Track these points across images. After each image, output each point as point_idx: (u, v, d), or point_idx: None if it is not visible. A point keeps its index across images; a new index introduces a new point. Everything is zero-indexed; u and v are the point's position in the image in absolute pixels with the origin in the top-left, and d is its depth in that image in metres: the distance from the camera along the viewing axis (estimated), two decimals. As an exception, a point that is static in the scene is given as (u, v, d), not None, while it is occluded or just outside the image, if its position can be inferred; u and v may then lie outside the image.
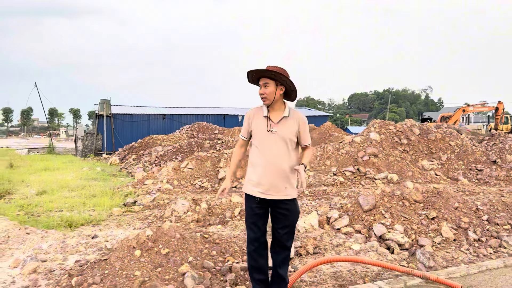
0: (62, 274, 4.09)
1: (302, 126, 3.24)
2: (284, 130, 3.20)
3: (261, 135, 3.23)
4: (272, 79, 3.13)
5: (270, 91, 3.14)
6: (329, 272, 4.21)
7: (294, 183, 3.26)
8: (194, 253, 4.13)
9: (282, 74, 3.10)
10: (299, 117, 3.25)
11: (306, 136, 3.29)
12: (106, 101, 27.87)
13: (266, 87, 3.15)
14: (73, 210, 7.53)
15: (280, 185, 3.20)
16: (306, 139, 3.29)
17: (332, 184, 9.82)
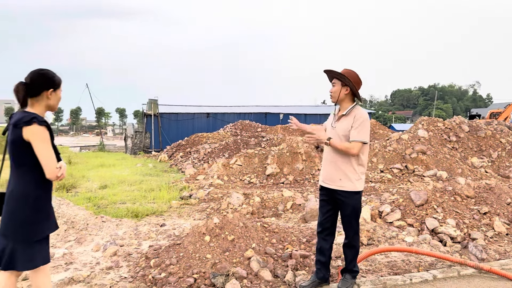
0: (139, 257, 4.59)
1: (355, 123, 3.42)
2: (341, 126, 3.50)
3: (328, 130, 3.63)
4: (339, 80, 3.45)
5: (335, 90, 3.50)
6: (383, 262, 4.45)
7: (352, 177, 3.50)
8: (257, 240, 4.50)
9: (346, 77, 3.39)
10: (356, 115, 3.45)
11: (354, 132, 3.39)
12: (154, 101, 29.04)
13: (333, 86, 3.53)
14: (135, 202, 8.14)
15: (335, 177, 3.49)
16: (353, 136, 3.39)
17: (379, 181, 9.92)
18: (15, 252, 2.51)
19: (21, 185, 2.53)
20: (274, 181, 10.54)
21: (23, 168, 2.53)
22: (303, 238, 4.92)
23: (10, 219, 2.52)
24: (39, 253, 2.60)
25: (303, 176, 10.71)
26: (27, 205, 2.52)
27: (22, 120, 2.44)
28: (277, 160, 11.14)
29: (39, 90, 2.56)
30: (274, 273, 4.05)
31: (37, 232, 2.57)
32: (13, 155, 2.52)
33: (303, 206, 6.88)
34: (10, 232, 2.52)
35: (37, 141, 2.46)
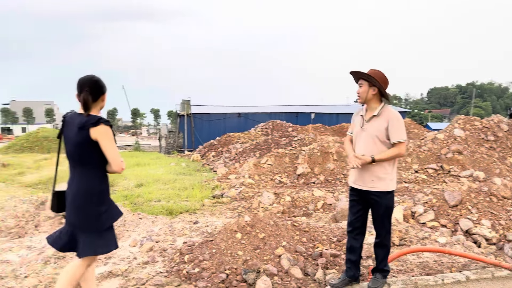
0: (174, 252, 4.77)
1: (391, 124, 3.42)
2: (373, 127, 3.49)
3: (356, 131, 3.62)
4: (366, 80, 3.47)
5: (363, 90, 3.49)
6: (415, 262, 4.42)
7: (384, 177, 3.51)
8: (287, 239, 4.58)
9: (373, 77, 3.41)
10: (389, 115, 3.45)
11: (394, 133, 3.41)
12: (187, 101, 29.60)
13: (361, 87, 3.51)
14: (169, 200, 8.40)
15: (366, 178, 3.51)
16: (394, 137, 3.41)
17: (413, 181, 9.75)
18: (88, 241, 2.80)
19: (86, 182, 2.79)
20: (305, 181, 10.56)
21: (88, 166, 2.78)
22: (334, 238, 4.95)
23: (80, 214, 2.79)
24: (109, 239, 2.90)
25: (334, 176, 10.67)
26: (94, 199, 2.80)
27: (89, 122, 2.69)
28: (308, 160, 11.16)
29: (98, 95, 2.84)
30: (305, 271, 4.12)
31: (105, 222, 2.85)
32: (79, 155, 2.76)
33: (334, 206, 6.89)
34: (82, 225, 2.80)
35: (105, 139, 2.72)
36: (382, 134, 3.45)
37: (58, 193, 2.94)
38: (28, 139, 25.44)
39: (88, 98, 2.75)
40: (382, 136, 3.45)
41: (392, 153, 3.41)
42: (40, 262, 4.49)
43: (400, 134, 3.42)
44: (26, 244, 5.17)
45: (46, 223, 5.86)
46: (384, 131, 3.44)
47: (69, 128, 2.81)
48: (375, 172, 3.47)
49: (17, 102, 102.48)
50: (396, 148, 3.42)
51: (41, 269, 4.30)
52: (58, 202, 2.93)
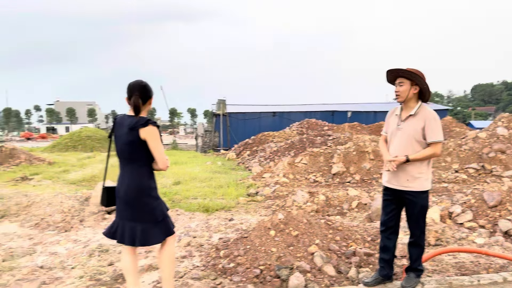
0: (210, 248, 4.95)
1: (428, 123, 3.39)
2: (409, 127, 3.48)
3: (391, 131, 3.61)
4: (408, 79, 3.43)
5: (404, 89, 3.45)
6: (451, 263, 4.36)
7: (419, 177, 3.49)
8: (320, 237, 4.64)
9: (418, 75, 3.39)
10: (426, 115, 3.41)
11: (430, 133, 3.39)
12: (222, 101, 30.03)
13: (401, 86, 3.46)
14: (206, 198, 8.63)
15: (401, 177, 3.51)
16: (430, 137, 3.39)
17: (453, 181, 9.49)
18: (146, 232, 3.07)
19: (136, 178, 3.05)
20: (340, 180, 10.51)
21: (138, 164, 3.04)
22: (368, 237, 4.95)
23: (135, 208, 3.06)
24: (164, 228, 3.15)
25: (371, 175, 10.55)
26: (145, 194, 3.05)
27: (139, 123, 2.95)
28: (343, 159, 11.09)
29: (146, 99, 3.10)
30: (338, 269, 4.16)
31: (158, 213, 3.11)
32: (129, 153, 3.03)
33: (369, 206, 6.85)
34: (139, 218, 3.06)
35: (152, 139, 2.97)
36: (418, 134, 3.43)
37: (107, 189, 3.22)
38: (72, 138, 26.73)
39: (138, 102, 3.01)
40: (418, 136, 3.43)
41: (427, 153, 3.39)
42: (85, 254, 4.78)
43: (437, 134, 3.40)
44: (72, 237, 5.52)
45: (90, 218, 6.21)
46: (421, 131, 3.42)
47: (119, 128, 3.07)
48: (410, 172, 3.47)
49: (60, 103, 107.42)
50: (431, 148, 3.41)
51: (86, 261, 4.58)
52: (108, 197, 3.22)
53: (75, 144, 25.46)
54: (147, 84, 3.13)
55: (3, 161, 15.79)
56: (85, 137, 26.29)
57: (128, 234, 3.10)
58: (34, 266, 4.37)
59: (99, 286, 3.82)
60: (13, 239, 5.47)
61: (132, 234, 3.09)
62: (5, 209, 6.72)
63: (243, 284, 3.89)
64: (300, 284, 3.84)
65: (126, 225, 3.10)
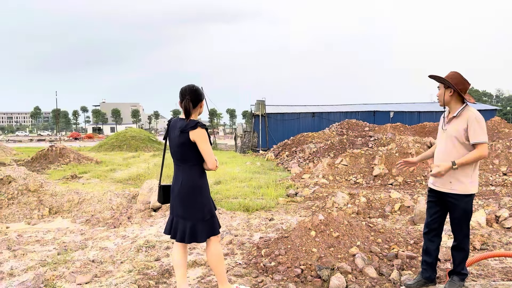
0: (251, 246, 5.06)
1: (470, 125, 3.35)
2: (452, 128, 3.45)
3: (438, 132, 3.67)
4: (442, 83, 3.49)
5: (440, 93, 3.55)
6: (497, 267, 4.22)
7: (464, 180, 3.43)
8: (361, 239, 4.63)
9: (446, 79, 3.43)
10: (468, 115, 3.38)
11: (473, 134, 3.34)
12: (261, 101, 30.20)
13: (438, 90, 3.56)
14: (246, 198, 8.76)
15: (445, 179, 3.46)
16: (473, 138, 3.35)
17: (501, 184, 9.09)
18: (195, 229, 3.25)
19: (188, 178, 3.25)
20: (382, 182, 10.33)
21: (189, 164, 3.24)
22: (411, 240, 4.88)
23: (186, 205, 3.25)
24: (211, 227, 3.32)
25: (414, 177, 10.29)
26: (196, 192, 3.25)
27: (189, 126, 3.15)
28: (385, 161, 10.89)
29: (197, 103, 3.28)
30: (379, 271, 4.14)
31: (207, 212, 3.30)
32: (181, 154, 3.23)
33: (412, 208, 6.71)
34: (189, 214, 3.25)
35: (201, 141, 3.15)
36: (461, 135, 3.40)
37: (163, 187, 3.45)
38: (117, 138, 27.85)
39: (189, 105, 3.20)
40: (461, 137, 3.40)
41: (473, 156, 3.34)
42: (133, 250, 5.03)
43: (480, 135, 3.35)
44: (121, 234, 5.80)
45: (137, 215, 6.50)
46: (463, 132, 3.39)
47: (173, 131, 3.29)
48: (454, 174, 3.42)
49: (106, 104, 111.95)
50: (476, 151, 3.36)
51: (134, 256, 4.82)
52: (164, 194, 3.45)
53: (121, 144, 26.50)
54: (198, 88, 3.32)
55: (54, 160, 16.75)
56: (130, 137, 27.31)
57: (179, 231, 3.28)
58: (86, 260, 4.65)
59: (147, 280, 4.01)
60: (66, 234, 5.84)
61: (183, 230, 3.27)
62: (58, 205, 7.16)
63: (284, 283, 3.96)
64: (341, 284, 3.85)
65: (178, 222, 3.30)
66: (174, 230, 3.33)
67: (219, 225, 3.43)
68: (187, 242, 3.29)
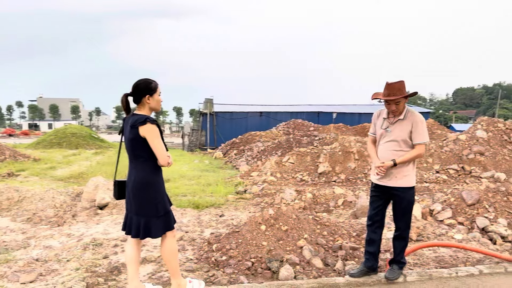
0: (202, 242, 5.12)
1: (415, 127, 3.66)
2: (399, 130, 3.74)
3: (379, 132, 3.88)
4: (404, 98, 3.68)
5: (401, 107, 3.70)
6: (431, 257, 4.63)
7: (407, 174, 3.74)
8: (308, 232, 4.86)
9: (410, 95, 3.70)
10: (413, 118, 3.69)
11: (416, 135, 3.66)
12: (210, 100, 30.12)
13: (398, 104, 3.66)
14: (195, 195, 8.77)
15: (390, 175, 3.76)
16: (416, 138, 3.67)
17: (434, 181, 9.85)
18: (149, 225, 3.24)
19: (141, 174, 3.22)
20: (326, 179, 10.78)
21: (141, 160, 3.21)
22: (353, 232, 5.19)
23: (139, 201, 3.23)
24: (165, 223, 3.31)
25: (356, 175, 10.84)
26: (149, 188, 3.22)
27: (138, 121, 3.11)
28: (329, 159, 11.36)
29: (139, 98, 3.23)
30: (325, 262, 4.38)
31: (161, 208, 3.28)
32: (132, 149, 3.20)
33: (354, 203, 7.10)
34: (142, 211, 3.23)
35: (151, 136, 3.12)
36: (406, 137, 3.70)
37: (119, 183, 3.41)
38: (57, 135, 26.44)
39: (123, 101, 3.22)
40: (406, 138, 3.71)
41: (412, 155, 3.66)
42: (79, 248, 4.89)
43: (423, 136, 3.68)
44: (66, 232, 5.61)
45: (82, 213, 6.31)
46: (409, 134, 3.70)
47: (126, 126, 3.26)
48: (399, 169, 3.72)
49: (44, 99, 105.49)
50: (416, 150, 3.69)
51: (80, 254, 4.69)
52: (119, 190, 3.41)
53: (60, 141, 25.21)
54: (144, 83, 3.24)
55: (-13, 157, 15.61)
56: (70, 134, 26.06)
57: (134, 227, 3.28)
58: (30, 259, 4.46)
59: (96, 278, 3.94)
60: (6, 233, 5.54)
61: (137, 226, 3.27)
62: (-5, 204, 6.75)
63: (235, 276, 4.07)
64: (290, 275, 4.04)
65: (133, 218, 3.29)
66: (129, 226, 3.32)
67: (174, 220, 3.45)
68: (142, 238, 3.31)
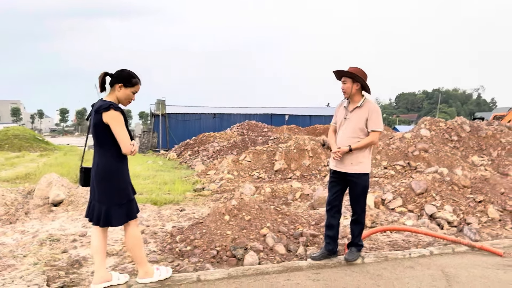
0: (164, 235, 5.09)
1: (370, 115, 3.91)
2: (355, 117, 3.98)
3: (340, 121, 4.10)
4: (350, 77, 3.93)
5: (347, 86, 3.96)
6: (385, 241, 4.92)
7: (362, 161, 3.98)
8: (271, 221, 4.99)
9: (356, 74, 3.88)
10: (370, 107, 3.94)
11: (371, 123, 3.91)
12: (162, 101, 29.63)
13: (345, 84, 3.97)
14: (152, 193, 8.63)
15: (346, 162, 3.99)
16: (371, 126, 3.91)
17: (383, 176, 10.38)
18: (109, 213, 3.18)
19: (104, 161, 3.17)
20: (282, 176, 11.01)
21: (105, 147, 3.16)
22: (312, 221, 5.39)
23: (102, 189, 3.17)
24: (127, 212, 3.26)
25: (310, 171, 11.17)
26: (112, 176, 3.17)
27: (102, 107, 3.07)
28: (284, 157, 11.62)
29: (112, 82, 3.21)
30: (287, 248, 4.53)
31: (124, 196, 3.24)
32: (96, 136, 3.15)
33: (311, 196, 7.35)
34: (104, 198, 3.18)
35: (115, 123, 3.08)
36: (362, 124, 3.95)
37: (85, 169, 3.33)
38: (-3, 137, 24.84)
39: (102, 78, 3.21)
40: (363, 125, 3.95)
41: (366, 142, 3.91)
42: (35, 244, 4.69)
43: (377, 124, 3.95)
44: (19, 229, 5.35)
45: (35, 210, 6.03)
46: (365, 121, 3.94)
47: (93, 112, 3.22)
48: (355, 156, 3.95)
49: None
50: (370, 137, 3.94)
51: (37, 250, 4.50)
52: (85, 177, 3.33)
53: (1, 144, 23.70)
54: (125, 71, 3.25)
55: None
56: (12, 136, 24.59)
57: (96, 214, 3.23)
58: (-19, 256, 4.23)
59: (56, 271, 3.82)
60: (-50, 233, 5.18)
61: (98, 213, 3.22)
62: None
63: (201, 264, 4.11)
64: (255, 261, 4.15)
65: (95, 205, 3.23)
66: (92, 213, 3.27)
67: (137, 209, 3.42)
68: (102, 225, 3.25)
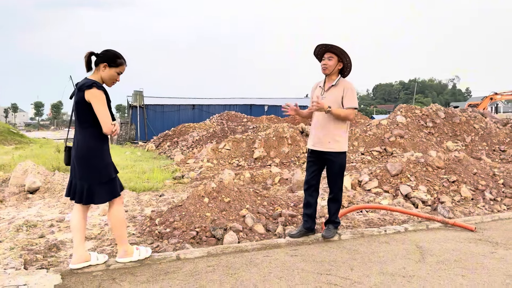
0: (143, 219, 5.07)
1: (346, 92, 3.98)
2: (331, 95, 4.04)
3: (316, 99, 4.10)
4: (337, 55, 3.96)
5: (332, 63, 3.99)
6: (362, 220, 5.04)
7: (339, 140, 4.05)
8: (250, 203, 5.04)
9: (346, 53, 3.93)
10: (345, 85, 4.01)
11: (347, 101, 3.98)
12: (139, 92, 29.20)
13: (330, 60, 3.98)
14: (131, 182, 8.55)
15: (324, 140, 4.05)
16: (347, 103, 3.98)
17: (360, 161, 10.58)
18: (92, 191, 3.19)
19: (84, 140, 3.17)
20: (261, 164, 11.08)
21: (85, 125, 3.16)
22: (291, 203, 5.47)
23: (82, 167, 3.17)
24: (110, 190, 3.27)
25: (289, 158, 11.27)
26: (92, 155, 3.17)
27: (85, 85, 3.07)
28: (264, 144, 11.68)
29: (97, 62, 3.21)
30: (266, 228, 4.59)
31: (106, 174, 3.24)
32: (77, 114, 3.14)
33: (290, 180, 7.43)
34: (86, 176, 3.17)
35: (96, 102, 3.08)
36: (338, 101, 4.01)
37: (69, 148, 3.33)
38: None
39: (88, 57, 3.21)
40: (339, 102, 4.01)
41: (343, 113, 3.94)
42: (11, 230, 4.61)
43: (352, 101, 4.01)
44: (-7, 217, 5.23)
45: (11, 198, 5.91)
46: (340, 99, 4.00)
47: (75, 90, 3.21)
48: (331, 135, 4.00)
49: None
50: (348, 111, 3.98)
51: (13, 236, 4.43)
52: (68, 156, 3.33)
53: (-28, 136, 22.95)
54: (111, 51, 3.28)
55: None
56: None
57: (78, 192, 3.22)
58: (-47, 244, 4.13)
59: (34, 255, 3.77)
60: None
61: (81, 191, 3.21)
62: None
63: (180, 244, 4.12)
64: (234, 241, 4.19)
65: (77, 183, 3.22)
66: (73, 192, 3.26)
67: (121, 187, 3.44)
68: (85, 203, 3.26)
